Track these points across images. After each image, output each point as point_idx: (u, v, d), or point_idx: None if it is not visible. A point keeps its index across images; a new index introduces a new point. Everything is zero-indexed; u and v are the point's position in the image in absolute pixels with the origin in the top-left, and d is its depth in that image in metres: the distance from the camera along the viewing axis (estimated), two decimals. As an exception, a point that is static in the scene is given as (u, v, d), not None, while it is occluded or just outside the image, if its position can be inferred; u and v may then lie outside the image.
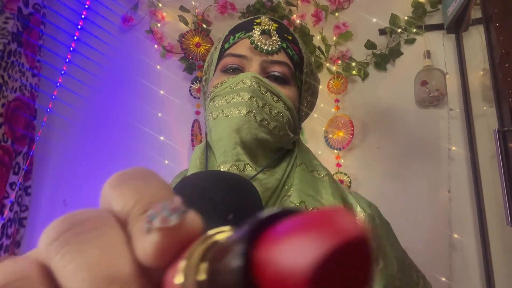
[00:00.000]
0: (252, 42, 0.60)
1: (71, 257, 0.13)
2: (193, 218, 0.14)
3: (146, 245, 0.13)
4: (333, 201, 0.58)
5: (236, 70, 0.61)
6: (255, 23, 0.63)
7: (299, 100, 0.65)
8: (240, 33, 0.63)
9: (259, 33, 0.61)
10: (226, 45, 0.64)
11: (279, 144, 0.61)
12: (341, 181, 1.36)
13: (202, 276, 0.13)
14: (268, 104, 0.58)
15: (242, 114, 0.56)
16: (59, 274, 0.14)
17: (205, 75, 0.70)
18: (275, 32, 0.62)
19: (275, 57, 0.61)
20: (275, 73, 0.60)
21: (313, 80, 0.68)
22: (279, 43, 0.61)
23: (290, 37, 0.64)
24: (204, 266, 0.13)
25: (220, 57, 0.64)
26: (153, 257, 0.13)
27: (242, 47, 0.61)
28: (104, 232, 0.14)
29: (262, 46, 0.60)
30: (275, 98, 0.59)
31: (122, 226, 0.15)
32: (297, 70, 0.63)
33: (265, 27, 0.62)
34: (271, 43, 0.60)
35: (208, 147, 0.62)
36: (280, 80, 0.61)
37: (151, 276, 0.14)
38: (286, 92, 0.61)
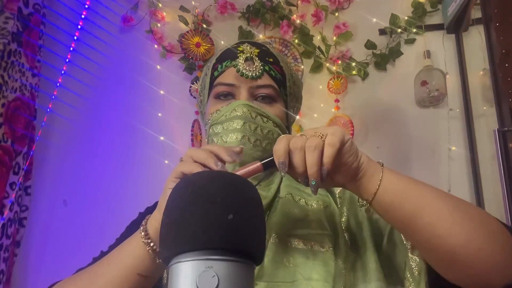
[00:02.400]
0: (238, 71, 0.68)
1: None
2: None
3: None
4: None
5: (228, 96, 0.70)
6: (238, 52, 0.70)
7: (285, 112, 0.73)
8: (226, 61, 0.70)
9: (243, 61, 0.69)
10: (216, 73, 0.71)
11: None
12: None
13: None
14: (260, 126, 0.67)
15: (238, 139, 0.65)
16: None
17: (200, 97, 0.78)
18: (257, 58, 0.70)
19: (260, 82, 0.69)
20: (263, 94, 0.69)
21: (296, 89, 0.77)
22: (261, 67, 0.69)
23: (271, 59, 0.71)
24: None
25: (212, 84, 0.72)
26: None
27: (229, 76, 0.69)
28: None
29: (247, 73, 0.68)
30: (265, 119, 0.68)
31: None
32: (281, 87, 0.71)
33: (247, 55, 0.69)
34: (254, 69, 0.68)
35: None
36: (268, 99, 0.69)
37: None
38: (274, 110, 0.70)
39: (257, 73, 0.68)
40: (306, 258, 0.58)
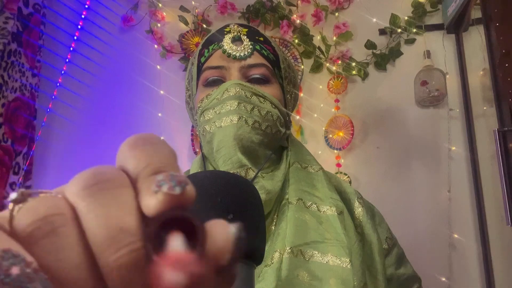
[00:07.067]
0: (224, 51, 0.62)
1: (94, 206, 0.17)
2: (190, 189, 0.18)
3: (153, 201, 0.17)
4: (329, 193, 0.60)
5: (218, 81, 0.62)
6: (225, 32, 0.64)
7: (283, 96, 0.67)
8: (213, 45, 0.65)
9: (229, 41, 0.63)
10: (202, 59, 0.65)
11: (274, 142, 0.63)
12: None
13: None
14: (256, 106, 0.60)
15: (234, 122, 0.57)
16: (82, 217, 0.17)
17: (188, 92, 0.72)
18: (245, 37, 0.64)
19: (251, 61, 0.62)
20: (256, 75, 0.62)
21: (292, 73, 0.69)
22: (251, 46, 0.63)
23: (261, 38, 0.66)
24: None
25: (199, 72, 0.65)
26: (155, 211, 0.17)
27: (217, 58, 0.63)
28: (121, 192, 0.18)
29: (234, 53, 0.62)
30: (261, 99, 0.61)
31: (132, 182, 0.18)
32: (275, 68, 0.65)
33: (235, 34, 0.64)
34: (243, 48, 0.62)
35: (205, 159, 0.64)
36: (262, 80, 0.62)
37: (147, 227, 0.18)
38: (270, 91, 0.63)
39: (247, 52, 0.62)
40: (322, 272, 0.53)
